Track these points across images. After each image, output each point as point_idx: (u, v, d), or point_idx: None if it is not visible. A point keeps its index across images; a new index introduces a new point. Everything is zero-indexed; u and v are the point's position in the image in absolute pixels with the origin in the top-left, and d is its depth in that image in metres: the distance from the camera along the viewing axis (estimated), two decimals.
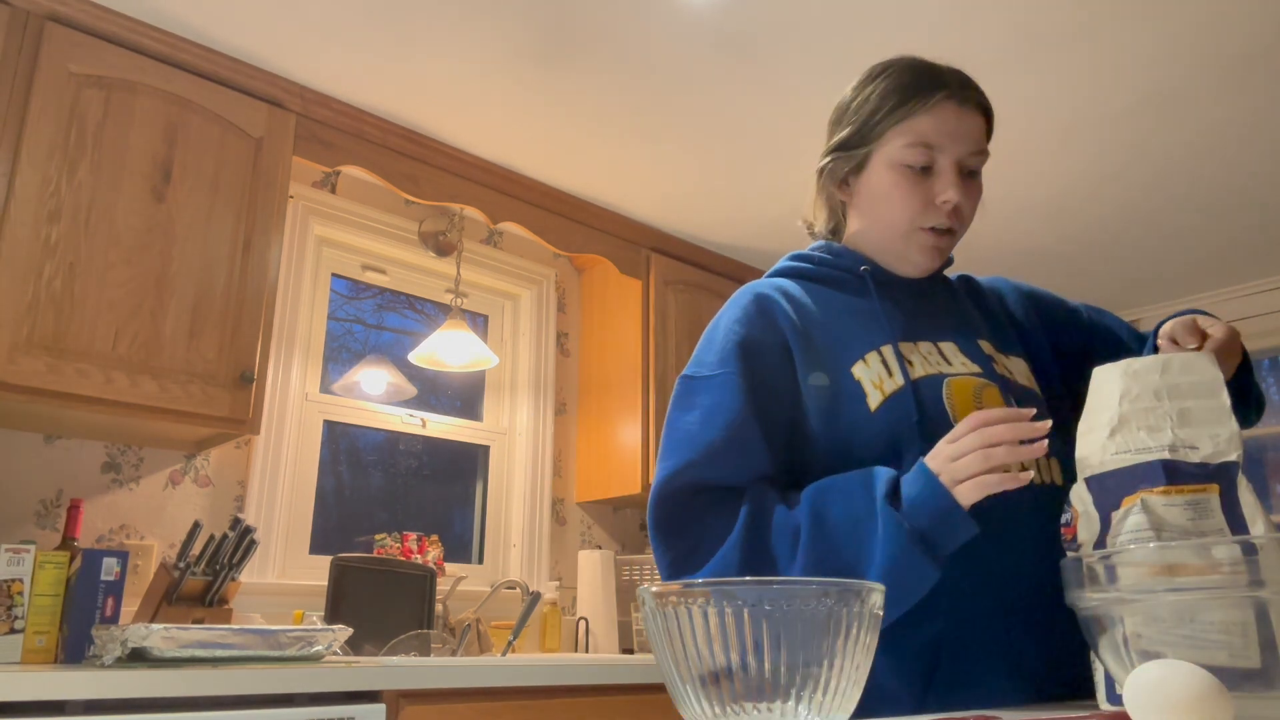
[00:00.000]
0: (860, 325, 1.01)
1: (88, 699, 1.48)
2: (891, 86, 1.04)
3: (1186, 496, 0.78)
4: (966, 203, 1.02)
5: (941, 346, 1.00)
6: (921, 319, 1.03)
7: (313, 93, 2.41)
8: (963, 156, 1.01)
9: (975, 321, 1.07)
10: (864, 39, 2.23)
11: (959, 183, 1.00)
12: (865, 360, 0.98)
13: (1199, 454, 0.79)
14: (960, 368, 0.98)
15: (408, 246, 2.89)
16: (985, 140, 1.04)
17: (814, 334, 1.01)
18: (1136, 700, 0.50)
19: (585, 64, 2.34)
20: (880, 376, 0.96)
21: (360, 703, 1.74)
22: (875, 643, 0.54)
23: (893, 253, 1.06)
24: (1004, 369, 1.01)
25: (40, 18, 1.99)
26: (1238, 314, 3.82)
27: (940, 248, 1.03)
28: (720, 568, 0.89)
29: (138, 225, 2.03)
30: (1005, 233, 3.32)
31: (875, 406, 0.95)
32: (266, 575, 2.41)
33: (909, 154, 1.00)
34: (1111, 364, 0.86)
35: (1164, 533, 0.77)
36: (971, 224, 1.09)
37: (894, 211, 1.03)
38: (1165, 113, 2.56)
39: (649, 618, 0.54)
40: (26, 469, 2.10)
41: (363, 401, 2.77)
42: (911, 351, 0.99)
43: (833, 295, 1.06)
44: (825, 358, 0.99)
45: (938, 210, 1.01)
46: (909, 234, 1.02)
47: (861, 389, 0.96)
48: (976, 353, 1.00)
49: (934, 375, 0.96)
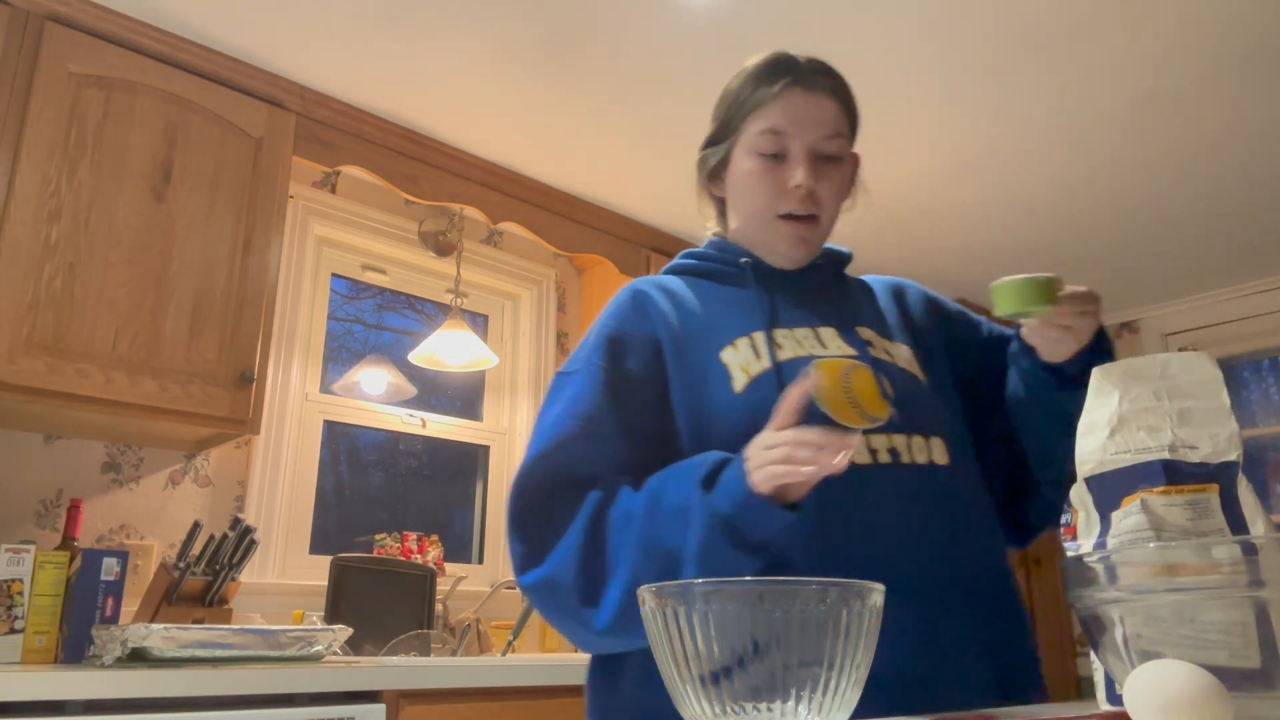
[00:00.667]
0: (736, 313, 1.02)
1: (88, 699, 1.48)
2: (746, 78, 1.05)
3: (1186, 496, 0.78)
4: (824, 188, 1.01)
5: (820, 332, 1.00)
6: (802, 308, 1.03)
7: (313, 93, 2.41)
8: (814, 142, 1.00)
9: (859, 310, 1.07)
10: (864, 39, 2.23)
11: (809, 167, 0.99)
12: (735, 345, 0.98)
13: (1199, 454, 0.79)
14: (835, 351, 0.98)
15: (408, 246, 2.89)
16: (841, 126, 1.03)
17: (686, 325, 1.02)
18: (1136, 700, 0.50)
19: (585, 64, 2.34)
20: (748, 360, 0.96)
21: (360, 703, 1.74)
22: (875, 642, 0.54)
23: (762, 245, 1.06)
24: (883, 353, 1.00)
25: (40, 18, 1.98)
26: (1238, 314, 3.82)
27: (803, 237, 1.02)
28: (562, 557, 0.88)
29: (138, 225, 2.03)
30: (1005, 233, 3.32)
31: (740, 389, 0.94)
32: (266, 575, 2.41)
33: (760, 141, 1.01)
34: (1111, 364, 0.86)
35: (1164, 533, 0.77)
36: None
37: (752, 200, 1.03)
38: (1165, 113, 2.55)
39: (649, 618, 0.54)
40: (26, 469, 2.10)
41: (363, 401, 2.77)
42: (785, 337, 0.99)
43: (715, 288, 1.07)
44: (695, 345, 0.99)
45: (790, 195, 1.00)
46: (769, 223, 1.03)
47: (728, 372, 0.96)
48: (854, 338, 1.00)
49: (803, 357, 0.96)
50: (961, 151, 2.77)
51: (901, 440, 0.93)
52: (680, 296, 1.05)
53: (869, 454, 0.91)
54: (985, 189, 3.00)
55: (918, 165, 2.84)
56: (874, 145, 2.74)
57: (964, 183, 2.96)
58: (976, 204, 3.10)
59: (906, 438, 0.93)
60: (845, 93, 1.05)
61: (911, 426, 0.94)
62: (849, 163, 1.07)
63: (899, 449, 0.92)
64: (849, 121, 1.05)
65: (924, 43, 2.26)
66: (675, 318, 1.02)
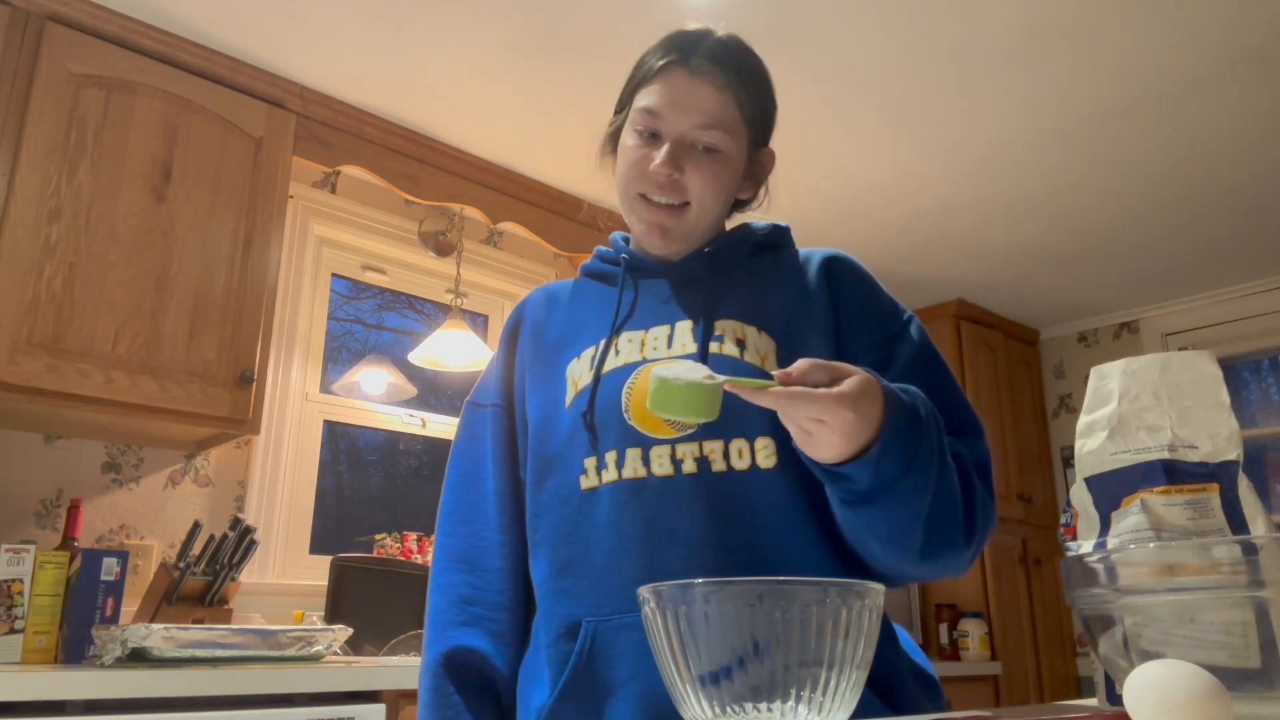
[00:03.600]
0: (594, 320, 0.99)
1: (88, 699, 1.48)
2: (645, 53, 1.00)
3: (1187, 496, 0.78)
4: (695, 179, 0.94)
5: (676, 328, 0.94)
6: (671, 303, 0.97)
7: (313, 93, 2.41)
8: (686, 129, 0.93)
9: (736, 298, 0.96)
10: (863, 39, 2.23)
11: (671, 154, 0.93)
12: (580, 357, 0.96)
13: (1198, 453, 0.79)
14: (677, 351, 0.92)
15: (408, 246, 2.89)
16: (725, 118, 0.94)
17: (547, 336, 1.02)
18: (1136, 700, 0.50)
19: (585, 64, 2.34)
20: (582, 372, 0.95)
21: (360, 703, 1.74)
22: (875, 642, 0.54)
23: (632, 227, 1.00)
24: (731, 346, 0.92)
25: (40, 18, 1.98)
26: (1238, 314, 3.82)
27: (662, 224, 0.96)
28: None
29: (138, 225, 2.03)
30: (1005, 233, 3.32)
31: (569, 403, 0.94)
32: (266, 575, 2.41)
33: (636, 118, 0.96)
34: (1110, 363, 0.86)
35: (1164, 533, 0.77)
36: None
37: (622, 174, 0.98)
38: (1165, 112, 2.56)
39: (649, 618, 0.54)
40: (26, 469, 2.10)
41: (363, 401, 2.77)
42: (629, 341, 0.95)
43: (595, 289, 1.04)
44: (550, 361, 0.99)
45: (651, 177, 0.94)
46: (631, 204, 0.97)
47: (565, 387, 0.96)
48: (707, 334, 0.93)
49: (628, 365, 0.93)
50: (961, 151, 2.77)
51: (717, 446, 0.87)
52: (557, 304, 1.05)
53: (672, 465, 0.87)
54: (986, 189, 3.00)
55: (918, 165, 2.84)
56: (874, 145, 2.75)
57: (964, 182, 2.96)
58: (976, 204, 3.10)
59: (724, 443, 0.87)
60: (739, 83, 0.96)
61: (733, 431, 0.87)
62: (734, 157, 0.97)
63: (710, 456, 0.87)
64: (741, 114, 0.96)
65: (923, 43, 2.26)
66: (540, 331, 1.03)
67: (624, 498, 0.88)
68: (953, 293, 3.88)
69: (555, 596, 0.91)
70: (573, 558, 0.90)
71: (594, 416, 0.91)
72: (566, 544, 0.91)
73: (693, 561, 0.85)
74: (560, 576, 0.90)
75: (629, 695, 0.83)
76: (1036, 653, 3.78)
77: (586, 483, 0.91)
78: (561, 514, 0.92)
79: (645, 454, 0.88)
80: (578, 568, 0.89)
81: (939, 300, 3.92)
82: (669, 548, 0.86)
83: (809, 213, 3.12)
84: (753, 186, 1.04)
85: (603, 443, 0.90)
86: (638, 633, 0.83)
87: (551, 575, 0.92)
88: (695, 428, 0.88)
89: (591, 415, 0.91)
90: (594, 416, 0.91)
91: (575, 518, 0.91)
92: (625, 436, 0.89)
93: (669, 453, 0.88)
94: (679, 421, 0.88)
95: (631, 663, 0.84)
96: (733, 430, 0.87)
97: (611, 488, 0.89)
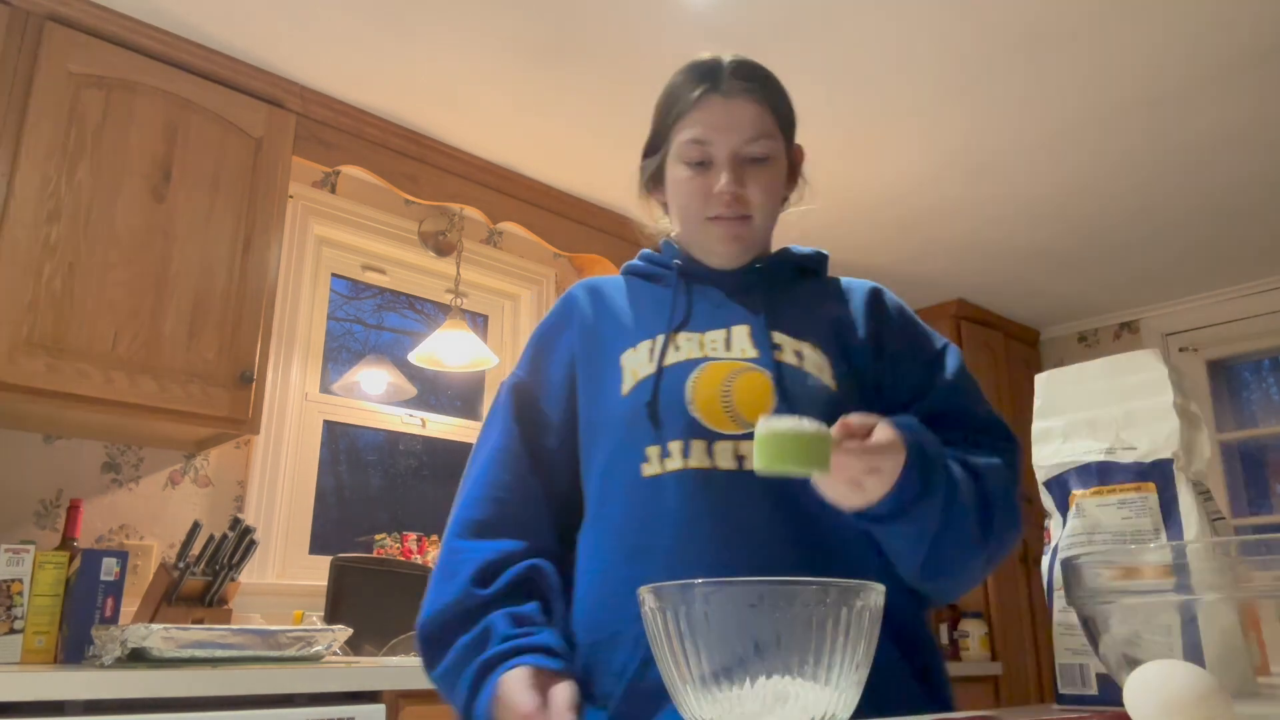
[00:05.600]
0: (650, 315, 1.04)
1: (87, 699, 1.48)
2: (669, 89, 1.07)
3: (1119, 496, 0.79)
4: (753, 190, 1.01)
5: (733, 332, 0.99)
6: (725, 309, 1.03)
7: (313, 93, 2.41)
8: (737, 146, 1.01)
9: (790, 311, 1.03)
10: (864, 39, 2.23)
11: (733, 173, 1.00)
12: (636, 348, 1.00)
13: (1135, 453, 0.80)
14: (736, 354, 0.97)
15: (408, 246, 2.89)
16: (765, 127, 1.02)
17: (602, 327, 1.05)
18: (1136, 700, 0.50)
19: (585, 64, 2.34)
20: (640, 363, 0.98)
21: (360, 703, 1.74)
22: (876, 642, 0.54)
23: (699, 246, 1.07)
24: (792, 356, 0.97)
25: (40, 18, 1.98)
26: (1238, 314, 3.82)
27: (738, 235, 1.02)
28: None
29: (138, 225, 2.03)
30: (1005, 233, 3.32)
31: (626, 391, 0.97)
32: (266, 575, 2.41)
33: (685, 151, 1.03)
34: (1063, 369, 0.88)
35: (1097, 534, 0.79)
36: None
37: (684, 207, 1.05)
38: (1165, 112, 2.56)
39: (649, 618, 0.54)
40: (26, 469, 2.10)
41: (362, 401, 2.77)
42: (689, 340, 0.99)
43: (648, 289, 1.08)
44: (604, 347, 1.03)
45: (717, 200, 1.01)
46: (701, 226, 1.04)
47: (621, 375, 0.99)
48: (765, 340, 0.98)
49: (690, 360, 0.97)
50: (962, 151, 2.77)
51: None
52: (609, 298, 1.08)
53: (735, 460, 0.90)
54: (986, 189, 3.00)
55: (918, 165, 2.84)
56: (874, 145, 2.74)
57: (964, 183, 2.96)
58: (976, 204, 3.10)
59: None
60: (768, 93, 1.04)
61: None
62: (779, 160, 1.05)
63: None
64: (777, 120, 1.04)
65: (924, 42, 2.26)
66: (593, 321, 1.06)
67: (691, 488, 0.90)
68: (953, 293, 3.88)
69: (624, 582, 0.90)
70: (639, 546, 0.91)
71: (658, 406, 0.94)
72: (634, 531, 0.92)
73: (765, 556, 0.88)
74: (628, 563, 0.91)
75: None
76: (1036, 653, 3.78)
77: (649, 470, 0.92)
78: (627, 501, 0.93)
79: (710, 446, 0.91)
80: (646, 555, 0.90)
81: (939, 300, 3.92)
82: (741, 540, 0.88)
83: (809, 212, 3.11)
84: (792, 182, 1.13)
85: (666, 432, 0.93)
86: None
87: (618, 561, 0.93)
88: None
89: (656, 404, 0.94)
90: (658, 406, 0.94)
91: (642, 505, 0.92)
92: (689, 428, 0.92)
93: (732, 448, 0.91)
94: (744, 420, 0.91)
95: None
96: None
97: (677, 476, 0.91)
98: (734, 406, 0.93)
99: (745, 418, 0.91)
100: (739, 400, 0.93)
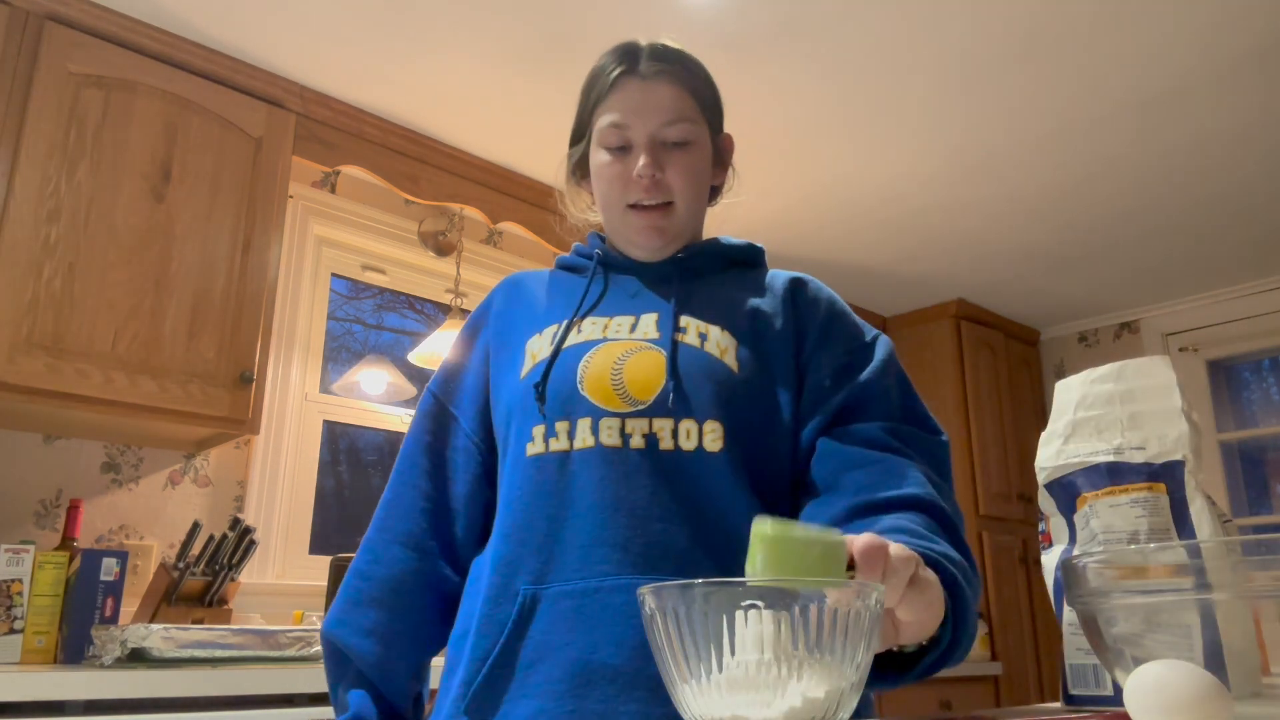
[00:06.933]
0: (561, 303, 1.03)
1: (87, 699, 1.48)
2: (590, 73, 1.07)
3: (1131, 496, 0.79)
4: (673, 175, 0.99)
5: (641, 319, 0.97)
6: (639, 297, 1.01)
7: (313, 93, 2.41)
8: (655, 129, 0.98)
9: (701, 297, 1.00)
10: (864, 38, 2.23)
11: (650, 156, 0.98)
12: (541, 334, 0.99)
13: (1144, 454, 0.80)
14: (641, 336, 0.95)
15: (408, 246, 2.89)
16: (685, 110, 1.00)
17: (515, 316, 1.05)
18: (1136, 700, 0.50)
19: (585, 64, 2.32)
20: (542, 346, 0.97)
21: None
22: (876, 642, 0.54)
23: (621, 237, 1.05)
24: (694, 338, 0.95)
25: (40, 17, 1.98)
26: (1238, 314, 3.82)
27: (656, 225, 1.00)
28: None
29: (137, 225, 2.03)
30: (1005, 233, 3.32)
31: (524, 373, 0.97)
32: (266, 575, 2.41)
33: (604, 136, 1.01)
34: (1074, 376, 0.89)
35: (1110, 533, 0.79)
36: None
37: (605, 194, 1.02)
38: (1165, 112, 2.56)
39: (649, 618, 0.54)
40: (26, 469, 2.10)
41: (362, 401, 2.77)
42: (594, 323, 0.98)
43: (568, 280, 1.07)
44: (514, 335, 1.03)
45: (635, 185, 0.98)
46: (621, 215, 1.01)
47: (523, 359, 0.98)
48: (670, 324, 0.95)
49: (589, 341, 0.95)
50: (962, 151, 2.77)
51: (666, 425, 0.89)
52: (527, 290, 1.08)
53: (621, 438, 0.89)
54: (985, 189, 3.00)
55: (918, 165, 2.84)
56: (874, 145, 2.75)
57: (964, 183, 2.96)
58: (976, 204, 3.10)
59: (674, 422, 0.89)
60: (689, 76, 1.02)
61: (682, 412, 0.89)
62: (702, 145, 1.02)
63: (659, 434, 0.89)
64: (698, 104, 1.01)
65: (924, 42, 2.26)
66: (507, 312, 1.06)
67: (572, 468, 0.89)
68: (953, 293, 3.88)
69: (495, 564, 0.91)
70: (515, 524, 0.91)
71: (545, 386, 0.93)
72: (510, 511, 0.92)
73: (637, 531, 0.86)
74: (503, 543, 0.91)
75: (561, 660, 0.84)
76: (1036, 653, 3.78)
77: (532, 449, 0.92)
78: (509, 482, 0.93)
79: (595, 424, 0.90)
80: (520, 534, 0.90)
81: (939, 300, 3.92)
82: (614, 516, 0.87)
83: (810, 212, 3.12)
84: (721, 172, 1.10)
85: (552, 412, 0.92)
86: (576, 600, 0.85)
87: (495, 542, 0.92)
88: (647, 404, 0.90)
89: (544, 385, 0.93)
90: (545, 386, 0.93)
91: (521, 485, 0.92)
92: (576, 407, 0.91)
93: (619, 425, 0.89)
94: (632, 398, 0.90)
95: (566, 631, 0.85)
96: (682, 412, 0.89)
97: (560, 456, 0.90)
98: (623, 384, 0.91)
99: (633, 395, 0.90)
100: (629, 378, 0.91)
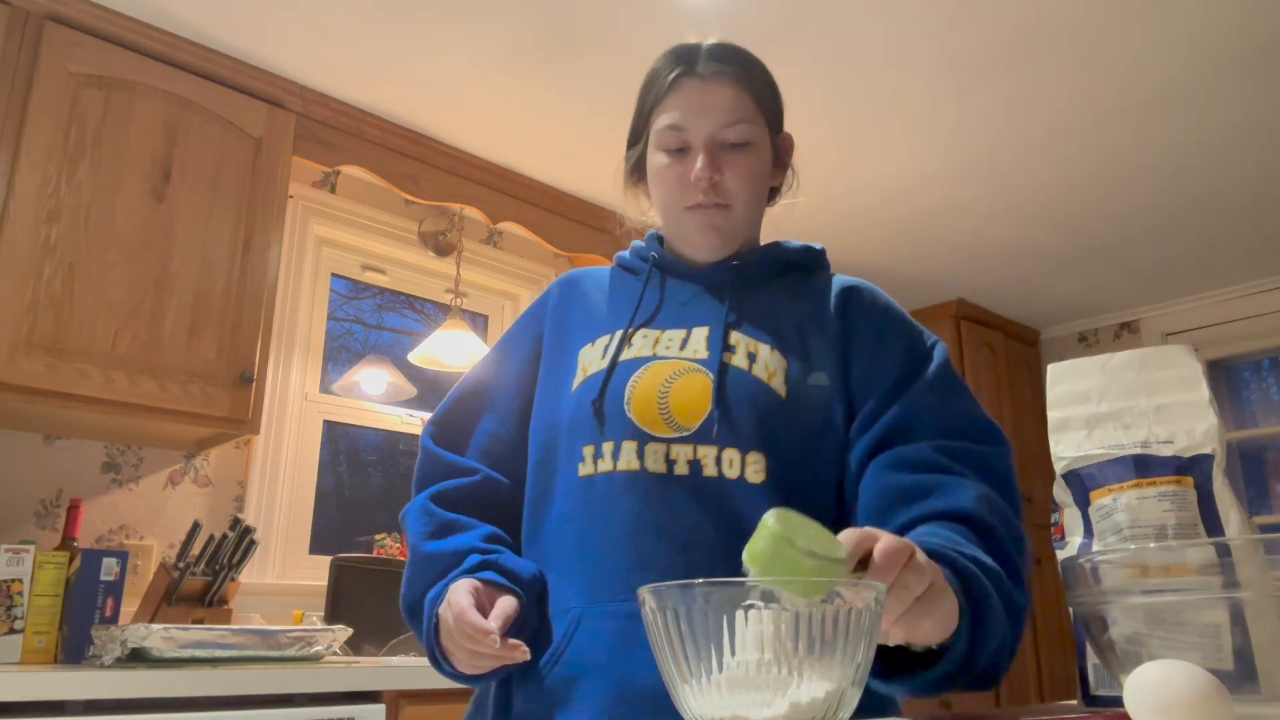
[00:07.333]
0: (619, 310, 1.02)
1: (87, 699, 1.48)
2: (649, 75, 1.05)
3: (1159, 489, 0.78)
4: (731, 177, 0.98)
5: (693, 333, 0.96)
6: (692, 307, 1.00)
7: (313, 93, 2.41)
8: (714, 131, 0.97)
9: (757, 310, 0.98)
10: (864, 38, 2.23)
11: (709, 158, 0.97)
12: (595, 343, 0.99)
13: (1172, 448, 0.79)
14: (688, 354, 0.94)
15: (408, 246, 2.88)
16: (744, 111, 0.98)
17: (570, 320, 1.05)
18: (1136, 700, 0.50)
19: (585, 64, 2.34)
20: (595, 359, 0.97)
21: (360, 703, 1.74)
22: (876, 642, 0.54)
23: (679, 237, 1.04)
24: (743, 359, 0.93)
25: (40, 17, 1.98)
26: (1238, 314, 3.82)
27: (716, 225, 0.99)
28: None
29: (137, 225, 2.03)
30: (1005, 233, 3.32)
31: (576, 386, 0.96)
32: (266, 575, 2.41)
33: (663, 138, 1.00)
34: (1087, 359, 0.87)
35: (1137, 527, 0.77)
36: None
37: (663, 196, 1.02)
38: (1164, 112, 2.55)
39: (649, 618, 0.54)
40: (26, 469, 2.10)
41: (362, 401, 2.77)
42: (645, 337, 0.97)
43: (627, 282, 1.07)
44: (568, 341, 1.03)
45: (693, 188, 0.98)
46: (680, 216, 1.01)
47: (576, 370, 0.98)
48: (720, 343, 0.94)
49: (639, 359, 0.95)
50: (961, 151, 2.77)
51: (710, 453, 0.89)
52: (584, 291, 1.08)
53: (665, 464, 0.89)
54: (985, 189, 3.00)
55: (918, 165, 2.84)
56: (874, 145, 2.74)
57: (964, 183, 2.96)
58: (976, 203, 3.10)
59: (718, 450, 0.89)
60: (749, 77, 1.00)
61: (728, 441, 0.89)
62: (762, 147, 1.01)
63: (703, 461, 0.89)
64: (757, 104, 1.00)
65: (924, 42, 2.26)
66: (564, 314, 1.06)
67: (617, 490, 0.90)
68: (953, 293, 3.88)
69: (548, 580, 0.93)
70: (564, 544, 0.92)
71: (604, 404, 0.93)
72: (559, 531, 0.93)
73: (679, 557, 0.87)
74: (554, 563, 0.93)
75: (602, 679, 0.85)
76: (1037, 653, 3.78)
77: (584, 470, 0.92)
78: (562, 501, 0.94)
79: (640, 449, 0.90)
80: (569, 554, 0.91)
81: (939, 300, 3.92)
82: (655, 542, 0.87)
83: (809, 212, 3.11)
84: (781, 172, 1.09)
85: (604, 432, 0.92)
86: (619, 621, 0.86)
87: (547, 561, 0.94)
88: (692, 430, 0.89)
89: (601, 402, 0.93)
90: (604, 404, 0.93)
91: (571, 506, 0.93)
92: (624, 429, 0.91)
93: (664, 451, 0.90)
94: (677, 424, 0.90)
95: (608, 650, 0.86)
96: (726, 440, 0.89)
97: (606, 478, 0.91)
98: (669, 409, 0.91)
99: (679, 421, 0.90)
100: (674, 402, 0.91)
